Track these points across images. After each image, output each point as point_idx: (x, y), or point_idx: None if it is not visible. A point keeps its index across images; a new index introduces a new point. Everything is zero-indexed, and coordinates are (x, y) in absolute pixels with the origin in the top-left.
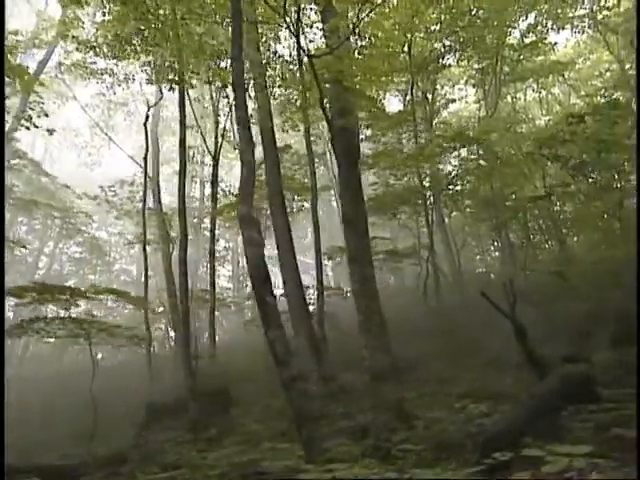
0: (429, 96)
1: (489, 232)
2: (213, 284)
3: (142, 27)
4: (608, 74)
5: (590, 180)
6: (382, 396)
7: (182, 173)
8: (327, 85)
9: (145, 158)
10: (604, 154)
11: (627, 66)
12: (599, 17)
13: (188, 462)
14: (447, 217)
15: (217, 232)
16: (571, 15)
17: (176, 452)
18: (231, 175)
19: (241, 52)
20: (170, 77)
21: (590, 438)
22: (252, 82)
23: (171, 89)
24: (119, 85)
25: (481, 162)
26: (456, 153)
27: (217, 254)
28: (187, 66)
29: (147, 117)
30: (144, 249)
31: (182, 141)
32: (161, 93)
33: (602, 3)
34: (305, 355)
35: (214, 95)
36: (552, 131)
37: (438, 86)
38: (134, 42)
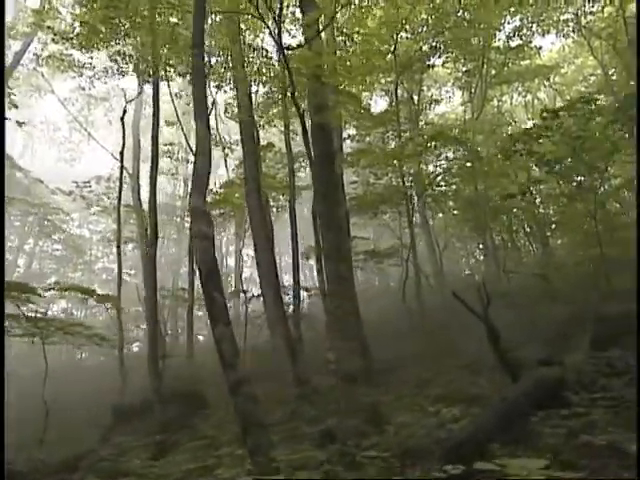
0: (415, 97)
1: (473, 234)
2: (192, 283)
3: (112, 15)
4: (592, 79)
5: (565, 177)
6: (354, 399)
7: (154, 168)
8: (313, 81)
9: (121, 153)
10: (579, 151)
11: (611, 71)
12: (583, 22)
13: (136, 469)
14: (431, 219)
15: None
16: (556, 19)
17: (131, 457)
18: (215, 174)
19: (202, 39)
20: (141, 68)
21: (560, 445)
22: (232, 75)
23: (144, 81)
24: (98, 79)
25: (465, 163)
26: (437, 152)
27: None
28: (160, 57)
29: (124, 111)
30: (118, 247)
31: (155, 136)
32: (140, 88)
33: (586, 8)
34: (281, 355)
35: None
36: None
37: (425, 87)
38: (103, 30)
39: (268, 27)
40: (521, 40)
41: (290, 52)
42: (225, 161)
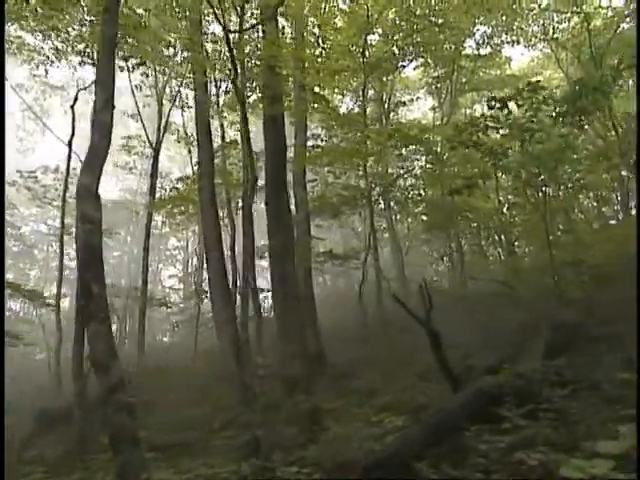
0: (384, 99)
1: (439, 239)
2: (145, 282)
3: None
4: (557, 91)
5: (510, 172)
6: (292, 407)
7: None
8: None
9: (70, 142)
10: (527, 144)
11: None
12: (550, 33)
13: None
14: (399, 222)
15: (166, 230)
16: (524, 27)
17: (23, 474)
18: (184, 172)
19: (117, 3)
20: (80, 48)
21: (492, 463)
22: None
23: (82, 63)
24: (50, 65)
25: (426, 164)
26: (398, 153)
27: (167, 253)
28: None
29: (75, 99)
30: (60, 240)
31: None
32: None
33: (555, 19)
34: (228, 358)
35: (159, 84)
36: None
37: (397, 93)
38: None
39: (212, 6)
40: (491, 48)
41: (236, 37)
42: (190, 158)
